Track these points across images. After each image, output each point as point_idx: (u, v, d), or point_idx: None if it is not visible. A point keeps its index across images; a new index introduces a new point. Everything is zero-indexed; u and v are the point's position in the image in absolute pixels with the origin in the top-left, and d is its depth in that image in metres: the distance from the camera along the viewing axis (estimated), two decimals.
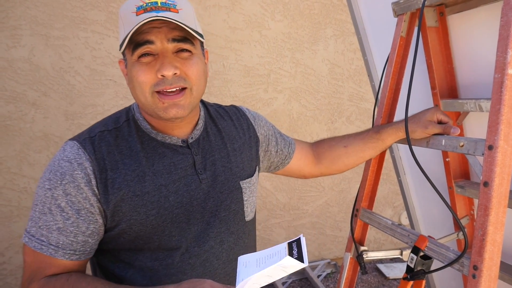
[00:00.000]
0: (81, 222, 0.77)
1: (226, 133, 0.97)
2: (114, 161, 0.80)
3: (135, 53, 0.76)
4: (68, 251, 0.77)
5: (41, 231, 0.76)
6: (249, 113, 1.07)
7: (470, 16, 1.01)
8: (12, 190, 2.30)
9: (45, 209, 0.77)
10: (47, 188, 0.77)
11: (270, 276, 0.65)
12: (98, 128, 0.84)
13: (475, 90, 1.07)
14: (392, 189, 3.17)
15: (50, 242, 0.76)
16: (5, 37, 2.18)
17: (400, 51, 1.11)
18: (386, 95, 1.14)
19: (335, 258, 3.12)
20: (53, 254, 0.76)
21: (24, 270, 0.79)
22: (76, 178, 0.76)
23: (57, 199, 0.76)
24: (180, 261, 0.84)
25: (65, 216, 0.76)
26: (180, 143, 0.87)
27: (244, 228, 0.96)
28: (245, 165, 0.98)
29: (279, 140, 1.11)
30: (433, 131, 0.98)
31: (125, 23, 0.77)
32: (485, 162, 0.78)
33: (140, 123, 0.86)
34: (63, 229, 0.76)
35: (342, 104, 2.95)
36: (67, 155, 0.78)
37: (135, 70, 0.77)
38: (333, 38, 2.84)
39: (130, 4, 0.77)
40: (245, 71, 2.67)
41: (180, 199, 0.83)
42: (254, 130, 1.04)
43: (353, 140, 1.12)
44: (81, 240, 0.78)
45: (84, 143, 0.80)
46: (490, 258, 0.76)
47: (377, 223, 1.10)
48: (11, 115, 2.24)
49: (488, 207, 0.76)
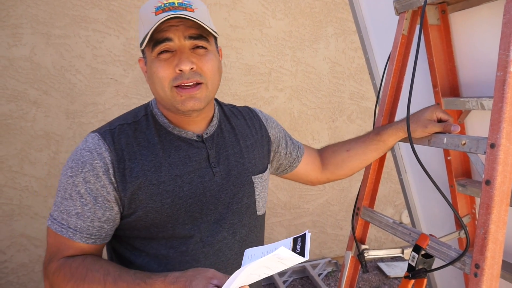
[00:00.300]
0: (98, 208, 0.83)
1: (239, 130, 1.02)
2: (133, 152, 0.86)
3: (154, 50, 0.82)
4: (85, 235, 0.83)
5: (62, 215, 0.83)
6: (261, 114, 1.12)
7: (472, 14, 1.01)
8: (13, 188, 2.30)
9: (66, 195, 0.83)
10: (69, 175, 0.83)
11: (269, 267, 0.65)
12: (118, 122, 0.90)
13: (477, 88, 1.07)
14: (393, 187, 3.17)
15: (69, 225, 0.82)
16: (6, 35, 2.19)
17: (402, 49, 1.11)
18: (387, 93, 1.13)
19: (336, 256, 3.13)
20: (71, 237, 0.82)
21: (46, 250, 0.86)
22: (96, 167, 0.82)
23: (77, 186, 0.82)
24: (194, 249, 0.88)
25: (83, 202, 0.82)
26: (195, 138, 0.92)
27: (255, 222, 1.00)
28: (257, 161, 1.02)
29: (289, 143, 1.15)
30: (433, 130, 0.98)
31: (144, 23, 0.83)
32: (487, 160, 0.78)
33: (158, 118, 0.92)
34: (81, 214, 0.82)
35: (343, 103, 2.95)
36: (88, 146, 0.84)
37: (155, 66, 0.83)
38: (334, 36, 2.83)
39: (149, 5, 0.83)
40: (246, 70, 2.66)
41: (194, 189, 0.88)
42: (266, 130, 1.09)
43: (355, 143, 1.14)
44: (97, 225, 0.83)
45: (104, 135, 0.86)
46: (492, 256, 0.76)
47: (378, 222, 1.10)
48: (12, 113, 2.25)
49: (490, 205, 0.76)
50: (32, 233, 2.37)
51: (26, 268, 2.38)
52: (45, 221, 2.38)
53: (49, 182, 2.36)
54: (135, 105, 2.47)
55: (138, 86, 2.46)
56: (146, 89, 2.48)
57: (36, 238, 2.38)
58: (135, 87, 2.46)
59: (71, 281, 0.79)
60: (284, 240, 0.69)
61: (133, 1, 2.38)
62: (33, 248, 2.38)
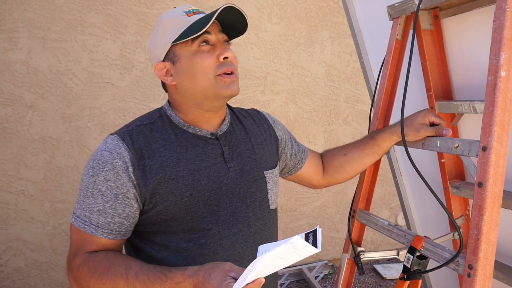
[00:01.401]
0: (118, 205, 0.87)
1: (250, 129, 1.07)
2: (151, 150, 0.90)
3: (195, 42, 0.89)
4: (106, 231, 0.87)
5: (84, 212, 0.87)
6: (268, 116, 1.18)
7: (464, 19, 1.03)
8: (9, 192, 2.29)
9: (88, 193, 0.87)
10: (91, 175, 0.88)
11: (284, 258, 0.67)
12: (134, 123, 0.95)
13: (469, 91, 1.09)
14: (388, 190, 3.19)
15: (91, 222, 0.87)
16: (2, 39, 2.19)
17: (396, 53, 1.13)
18: (382, 97, 1.15)
19: (332, 259, 3.14)
20: (93, 233, 0.86)
21: (70, 246, 0.90)
22: (115, 166, 0.87)
23: (98, 184, 0.87)
24: (212, 242, 0.92)
25: (104, 199, 0.86)
26: (209, 135, 0.97)
27: (269, 216, 1.04)
28: (268, 158, 1.07)
29: (294, 145, 1.19)
30: (425, 133, 1.00)
31: (176, 24, 0.90)
32: (479, 163, 0.80)
33: (172, 119, 0.96)
34: (103, 211, 0.86)
35: (338, 106, 2.97)
36: (108, 146, 0.89)
37: (198, 57, 0.89)
38: (329, 40, 2.86)
39: (176, 11, 0.92)
40: (242, 73, 2.68)
41: (210, 183, 0.92)
42: (274, 130, 1.14)
43: (352, 148, 1.17)
44: (117, 221, 0.87)
45: (123, 136, 0.90)
46: (485, 257, 0.78)
47: (374, 224, 1.11)
48: (8, 117, 2.24)
49: (482, 207, 0.78)
50: (28, 237, 2.36)
51: (22, 272, 2.37)
52: (41, 225, 2.38)
53: (45, 186, 2.36)
54: (131, 109, 2.48)
55: (134, 90, 2.47)
56: (143, 93, 2.49)
57: (32, 243, 2.37)
58: (131, 91, 2.46)
59: (95, 275, 0.82)
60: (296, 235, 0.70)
61: (129, 6, 2.39)
62: (29, 253, 2.37)
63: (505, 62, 0.77)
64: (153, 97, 2.50)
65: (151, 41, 0.96)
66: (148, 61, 2.48)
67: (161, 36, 0.92)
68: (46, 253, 2.41)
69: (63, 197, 2.40)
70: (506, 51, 0.76)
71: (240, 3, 2.60)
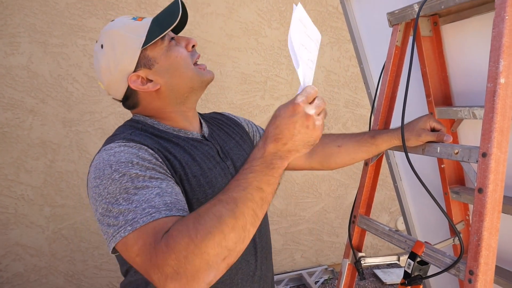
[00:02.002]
0: (171, 184, 0.74)
1: (226, 128, 1.06)
2: (164, 148, 0.83)
3: (165, 39, 0.87)
4: (179, 207, 0.71)
5: (139, 210, 0.68)
6: (231, 115, 1.16)
7: (463, 26, 1.04)
8: (9, 197, 2.29)
9: (131, 192, 0.70)
10: (119, 176, 0.71)
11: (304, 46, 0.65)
12: (126, 131, 0.85)
13: (469, 97, 1.09)
14: (388, 194, 3.19)
15: (158, 207, 0.68)
16: (4, 44, 2.19)
17: (396, 60, 1.14)
18: (382, 102, 1.16)
19: (332, 264, 3.13)
20: (167, 214, 0.67)
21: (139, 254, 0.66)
22: (143, 157, 0.75)
23: (138, 176, 0.71)
24: None
25: (155, 183, 0.72)
26: (199, 137, 0.95)
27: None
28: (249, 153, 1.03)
29: (262, 133, 1.17)
30: (426, 139, 1.01)
31: (133, 31, 0.85)
32: (479, 169, 0.80)
33: (157, 126, 0.90)
34: (164, 191, 0.71)
35: (338, 111, 2.98)
36: (120, 149, 0.76)
37: (175, 51, 0.88)
38: (328, 45, 2.87)
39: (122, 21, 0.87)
40: (242, 78, 2.69)
41: (224, 180, 0.90)
42: (242, 126, 1.13)
43: (348, 141, 1.15)
44: (181, 199, 0.73)
45: (128, 137, 0.80)
46: (486, 263, 0.78)
47: (375, 229, 1.11)
48: (8, 122, 2.25)
49: (482, 213, 0.78)
50: (28, 242, 2.35)
51: (21, 277, 2.36)
52: (40, 230, 2.37)
53: (45, 191, 2.36)
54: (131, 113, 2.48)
55: None
56: None
57: (32, 247, 2.36)
58: None
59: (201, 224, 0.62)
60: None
61: (130, 11, 2.40)
62: (28, 257, 2.36)
63: (504, 69, 0.77)
64: None
65: (104, 61, 0.86)
66: None
67: (123, 48, 0.85)
68: (46, 258, 2.40)
69: (63, 202, 2.40)
70: (505, 58, 0.77)
71: (241, 8, 2.62)
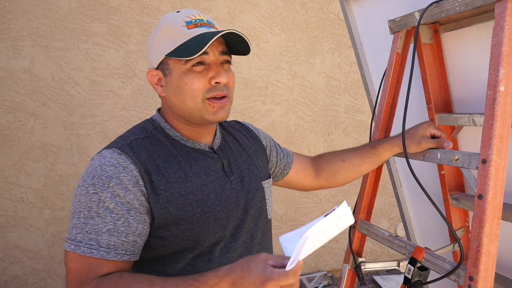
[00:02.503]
0: (132, 221, 0.79)
1: (241, 141, 1.06)
2: (155, 165, 0.84)
3: (188, 62, 0.83)
4: (120, 251, 0.79)
5: (89, 235, 0.77)
6: (251, 126, 1.17)
7: (463, 34, 1.05)
8: (9, 200, 2.29)
9: (91, 214, 0.78)
10: (92, 193, 0.78)
11: (325, 232, 0.64)
12: (131, 136, 0.88)
13: (469, 104, 1.10)
14: (388, 200, 3.19)
15: (100, 245, 0.77)
16: (6, 48, 2.21)
17: (397, 67, 1.15)
18: (383, 109, 1.17)
19: (331, 270, 3.12)
20: (105, 256, 0.77)
21: (70, 276, 0.78)
22: (123, 180, 0.79)
23: (105, 201, 0.78)
24: (219, 256, 0.90)
25: (115, 217, 0.78)
26: (207, 149, 0.94)
27: (267, 225, 1.04)
28: (262, 168, 1.06)
29: (278, 151, 1.19)
30: (426, 146, 1.01)
31: (173, 35, 0.84)
32: (479, 175, 0.81)
33: (168, 131, 0.92)
34: (114, 230, 0.78)
35: (338, 117, 2.99)
36: (109, 161, 0.81)
37: (189, 78, 0.84)
38: (329, 51, 2.89)
39: (176, 18, 0.86)
40: (243, 83, 2.70)
41: (219, 197, 0.90)
42: (260, 140, 1.13)
43: (351, 155, 1.17)
44: (131, 240, 0.80)
45: (123, 149, 0.84)
46: (485, 269, 0.78)
47: (375, 235, 1.12)
48: (10, 125, 2.25)
49: (482, 219, 0.79)
50: (27, 245, 2.35)
51: (20, 280, 2.35)
52: (39, 233, 2.36)
53: (45, 194, 2.36)
54: (133, 117, 2.49)
55: (136, 98, 2.49)
56: (144, 101, 2.50)
57: (31, 250, 2.36)
58: (133, 100, 2.48)
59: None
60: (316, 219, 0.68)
61: (132, 16, 2.42)
62: (27, 260, 2.36)
63: (504, 77, 0.78)
64: (154, 105, 2.52)
65: (149, 42, 0.91)
66: None
67: (157, 44, 0.87)
68: (44, 261, 2.40)
69: (63, 205, 2.40)
70: (505, 66, 0.78)
71: (242, 14, 2.64)
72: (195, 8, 2.51)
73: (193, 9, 2.59)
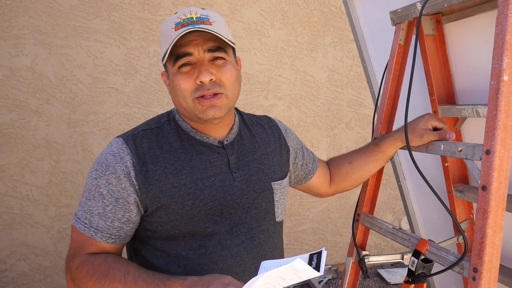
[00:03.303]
0: (118, 209, 0.86)
1: (260, 138, 1.05)
2: (155, 156, 0.89)
3: (175, 64, 0.87)
4: (105, 234, 0.87)
5: (85, 214, 0.87)
6: (281, 124, 1.15)
7: (466, 24, 1.04)
8: (14, 197, 2.31)
9: (90, 196, 0.87)
10: (94, 177, 0.88)
11: (284, 279, 0.66)
12: (141, 127, 0.94)
13: (472, 96, 1.09)
14: (392, 194, 3.19)
15: (91, 225, 0.87)
16: (8, 46, 2.21)
17: (399, 58, 1.14)
18: (385, 102, 1.16)
19: (336, 263, 3.13)
20: (93, 236, 0.86)
21: (70, 245, 0.91)
22: (117, 169, 0.86)
23: (100, 187, 0.86)
24: (212, 252, 0.91)
25: (105, 203, 0.86)
26: (216, 144, 0.95)
27: (274, 228, 1.03)
28: (276, 168, 1.05)
29: (305, 155, 1.18)
30: (429, 139, 1.00)
31: (165, 39, 0.88)
32: (483, 166, 0.80)
33: (180, 124, 0.96)
34: (103, 215, 0.86)
35: (341, 111, 2.98)
36: (112, 150, 0.89)
37: (177, 79, 0.88)
38: (332, 45, 2.88)
39: (170, 21, 0.88)
40: (245, 79, 2.70)
41: (214, 193, 0.91)
42: (285, 140, 1.11)
43: (357, 155, 1.17)
44: (117, 226, 0.87)
45: (127, 139, 0.90)
46: (490, 260, 0.78)
47: (378, 228, 1.11)
48: (13, 123, 2.26)
49: (486, 210, 0.78)
50: (33, 242, 2.37)
51: (26, 277, 2.38)
52: (45, 229, 2.39)
53: (50, 191, 2.37)
54: (135, 114, 2.50)
55: (138, 95, 2.49)
56: (147, 98, 2.51)
57: (37, 247, 2.38)
58: (135, 96, 2.48)
59: (93, 277, 0.82)
60: (301, 255, 0.70)
61: (133, 12, 2.42)
62: (33, 257, 2.38)
63: (507, 66, 0.77)
64: (157, 102, 2.52)
65: None
66: (152, 66, 2.50)
67: (160, 47, 0.92)
68: (51, 258, 2.42)
69: (68, 202, 2.42)
70: (508, 55, 0.77)
71: (243, 8, 2.63)
72: (195, 4, 2.51)
73: (194, 5, 2.58)
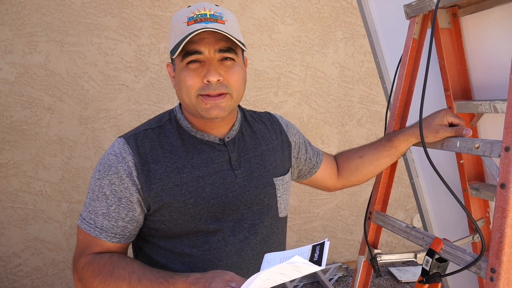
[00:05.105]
0: (122, 209, 0.87)
1: (261, 134, 1.05)
2: (156, 155, 0.90)
3: (184, 60, 0.86)
4: (110, 234, 0.88)
5: (90, 215, 0.89)
6: (281, 120, 1.14)
7: (484, 17, 1.01)
8: (28, 193, 2.34)
9: (94, 196, 0.89)
10: (97, 178, 0.89)
11: (284, 274, 0.66)
12: (143, 127, 0.95)
13: (489, 91, 1.06)
14: (404, 191, 3.15)
15: (96, 225, 0.88)
16: (22, 43, 2.24)
17: (413, 53, 1.11)
18: (399, 97, 1.13)
19: (346, 261, 3.11)
20: (98, 236, 0.88)
21: (76, 246, 0.92)
22: (119, 170, 0.87)
23: (103, 187, 0.88)
24: (216, 248, 0.91)
25: (109, 203, 0.87)
26: (217, 141, 0.95)
27: (277, 224, 1.02)
28: (278, 164, 1.04)
29: (309, 149, 1.17)
30: (444, 135, 0.98)
31: (176, 32, 0.87)
32: (501, 163, 0.78)
33: (181, 123, 0.96)
34: (107, 214, 0.88)
35: (352, 107, 2.94)
36: (115, 150, 0.90)
37: (184, 75, 0.87)
38: (343, 40, 2.84)
39: (182, 14, 0.87)
40: (255, 75, 2.68)
41: (216, 190, 0.91)
42: (287, 135, 1.11)
43: (368, 150, 1.15)
44: (121, 225, 0.88)
45: (128, 140, 0.91)
46: (508, 260, 0.76)
47: (391, 226, 1.09)
48: (27, 119, 2.29)
49: (505, 209, 0.76)
50: (46, 237, 2.40)
51: (40, 271, 2.42)
52: (58, 225, 2.42)
53: (62, 187, 2.40)
54: (146, 110, 2.51)
55: (149, 92, 2.50)
56: (157, 95, 2.51)
57: (50, 242, 2.42)
58: (146, 93, 2.49)
59: (99, 276, 0.84)
60: (303, 247, 0.70)
61: (144, 9, 2.42)
62: (47, 252, 2.42)
63: None
64: (167, 99, 2.53)
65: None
66: (162, 63, 2.50)
67: (169, 39, 0.90)
68: (63, 253, 2.46)
69: (80, 198, 2.44)
70: None
71: (254, 4, 2.61)
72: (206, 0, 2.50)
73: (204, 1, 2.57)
